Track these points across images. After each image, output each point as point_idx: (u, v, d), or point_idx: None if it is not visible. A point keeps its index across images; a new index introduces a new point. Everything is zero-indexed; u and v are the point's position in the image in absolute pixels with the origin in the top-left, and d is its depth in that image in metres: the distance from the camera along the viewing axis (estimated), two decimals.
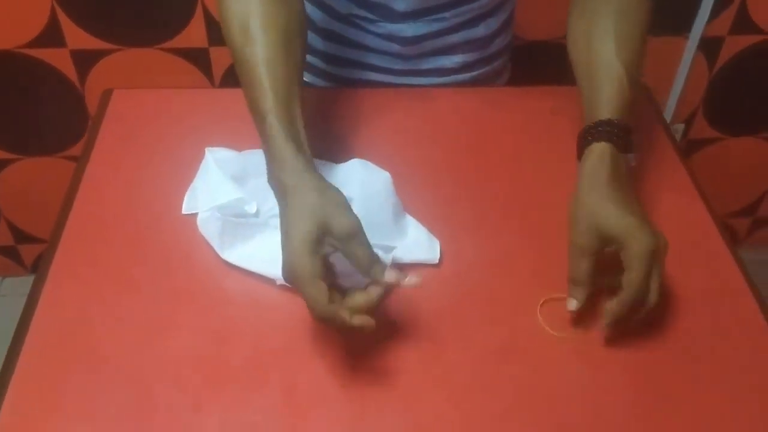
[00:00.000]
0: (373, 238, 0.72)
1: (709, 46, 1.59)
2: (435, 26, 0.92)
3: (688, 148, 1.79)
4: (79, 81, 1.51)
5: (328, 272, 0.62)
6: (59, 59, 1.48)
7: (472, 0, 0.92)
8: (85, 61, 1.48)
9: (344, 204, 0.63)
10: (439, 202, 0.81)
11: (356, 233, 0.61)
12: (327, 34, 0.96)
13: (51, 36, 1.43)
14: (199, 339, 0.67)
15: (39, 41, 1.44)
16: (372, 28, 0.92)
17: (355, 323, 0.60)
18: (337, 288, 0.63)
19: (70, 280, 0.72)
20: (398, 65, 0.96)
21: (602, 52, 0.77)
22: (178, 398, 0.63)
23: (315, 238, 0.61)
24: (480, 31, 0.96)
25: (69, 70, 1.49)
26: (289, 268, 0.62)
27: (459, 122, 0.92)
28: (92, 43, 1.45)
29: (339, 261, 0.64)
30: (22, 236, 1.81)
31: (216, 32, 1.45)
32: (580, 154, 0.74)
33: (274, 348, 0.67)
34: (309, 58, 1.00)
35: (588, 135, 0.73)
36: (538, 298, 0.72)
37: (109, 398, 0.63)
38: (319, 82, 1.02)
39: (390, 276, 0.62)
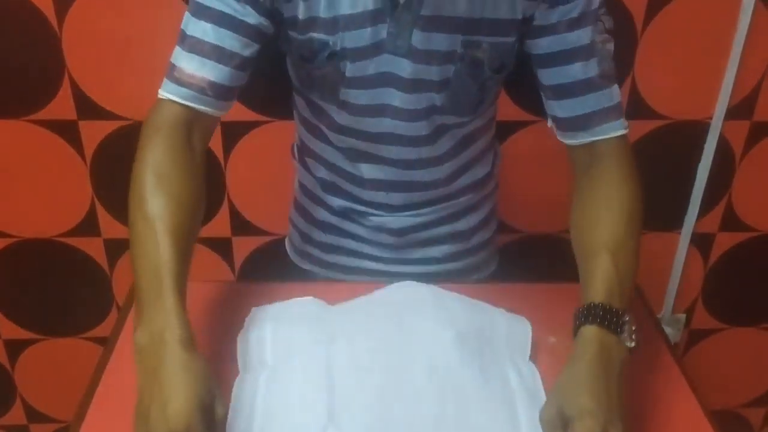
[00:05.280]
0: None
1: (702, 241, 1.64)
2: (419, 220, 1.02)
3: (691, 338, 1.80)
4: (108, 267, 1.58)
5: None
6: (92, 247, 1.55)
7: (448, 198, 1.02)
8: (116, 248, 1.56)
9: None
10: None
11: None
12: (326, 227, 1.07)
13: (88, 226, 1.52)
14: None
15: (77, 231, 1.53)
16: (364, 221, 1.03)
17: None
18: None
19: None
20: (389, 254, 1.05)
21: (589, 242, 0.82)
22: None
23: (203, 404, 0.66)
24: (461, 225, 1.05)
25: (100, 257, 1.56)
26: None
27: None
28: (125, 232, 1.54)
29: None
30: (35, 415, 1.81)
31: (238, 223, 1.55)
32: (574, 333, 0.77)
33: None
34: (309, 248, 1.10)
35: (578, 318, 0.77)
36: None
37: None
38: (319, 270, 1.10)
39: None
